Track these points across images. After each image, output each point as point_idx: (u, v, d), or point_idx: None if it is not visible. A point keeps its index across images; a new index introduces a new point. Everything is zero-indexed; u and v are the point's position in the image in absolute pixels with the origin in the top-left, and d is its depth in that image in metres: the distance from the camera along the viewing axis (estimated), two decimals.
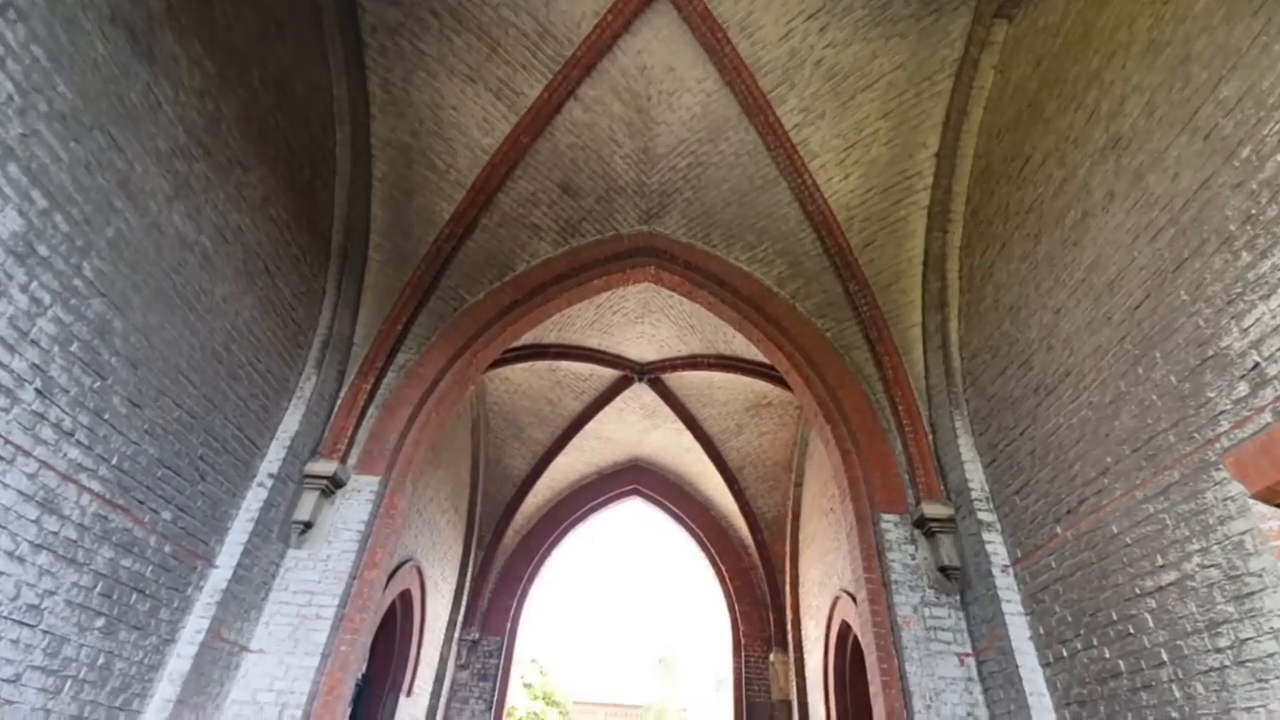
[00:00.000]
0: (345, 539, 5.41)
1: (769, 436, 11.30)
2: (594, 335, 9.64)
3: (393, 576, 7.88)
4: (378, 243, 6.41)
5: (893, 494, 5.80)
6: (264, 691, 4.70)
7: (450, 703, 10.29)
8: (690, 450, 12.04)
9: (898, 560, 5.40)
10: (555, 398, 11.14)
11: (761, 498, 11.70)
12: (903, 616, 5.12)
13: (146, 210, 4.04)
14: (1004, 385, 5.08)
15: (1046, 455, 4.50)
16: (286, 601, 5.09)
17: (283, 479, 5.26)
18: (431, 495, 9.20)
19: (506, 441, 11.54)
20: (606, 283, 7.61)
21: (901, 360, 6.29)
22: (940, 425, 5.81)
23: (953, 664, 4.91)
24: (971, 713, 4.71)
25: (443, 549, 9.93)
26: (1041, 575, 4.44)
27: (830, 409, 6.47)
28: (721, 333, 9.20)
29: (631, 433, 12.13)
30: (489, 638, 11.02)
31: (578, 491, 12.75)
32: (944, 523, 5.40)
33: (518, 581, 11.71)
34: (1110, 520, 3.83)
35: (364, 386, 6.06)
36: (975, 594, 5.01)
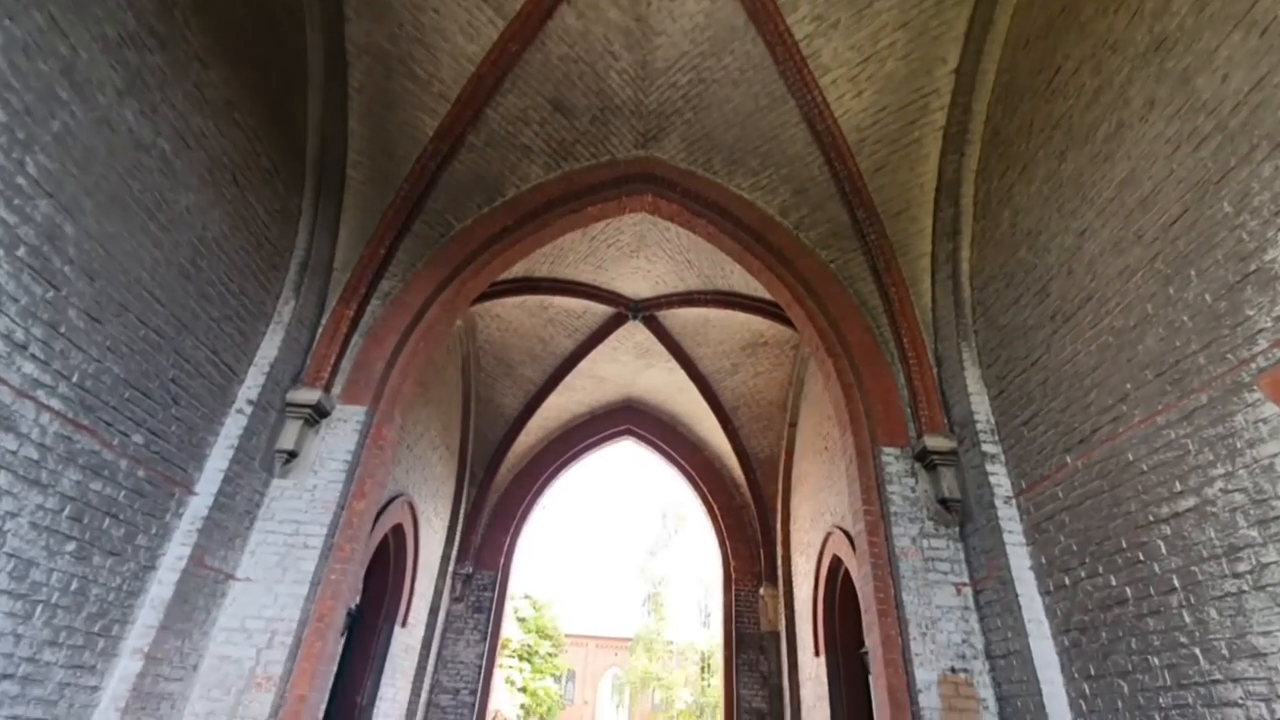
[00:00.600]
0: (332, 469, 5.24)
1: (764, 376, 11.16)
2: (587, 270, 9.32)
3: (384, 510, 7.80)
4: (356, 160, 5.99)
5: (894, 427, 5.67)
6: (253, 619, 4.61)
7: (445, 633, 10.46)
8: (684, 390, 11.91)
9: (897, 493, 5.32)
10: (547, 336, 10.88)
11: (755, 438, 11.67)
12: (901, 548, 5.06)
13: (95, 104, 3.64)
14: (1017, 314, 4.87)
15: (1059, 385, 4.34)
16: (273, 531, 4.95)
17: (263, 407, 5.03)
18: (422, 431, 9.04)
19: (498, 380, 11.34)
20: (602, 211, 7.25)
21: (908, 292, 6.06)
22: (946, 358, 5.63)
23: (949, 593, 4.89)
24: (967, 640, 4.71)
25: (435, 485, 9.86)
26: (1046, 506, 4.35)
27: (832, 342, 6.27)
28: (720, 267, 8.90)
29: (625, 372, 11.96)
30: (483, 572, 11.13)
31: (571, 431, 12.67)
32: (946, 455, 5.30)
33: (511, 518, 11.75)
34: (1126, 448, 3.70)
35: (346, 314, 5.77)
36: (975, 525, 4.95)
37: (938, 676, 4.56)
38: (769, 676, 10.33)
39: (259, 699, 4.35)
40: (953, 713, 4.44)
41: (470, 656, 10.37)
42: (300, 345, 5.50)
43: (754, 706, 10.10)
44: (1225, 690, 2.97)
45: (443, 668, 10.21)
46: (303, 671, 4.53)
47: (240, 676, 4.42)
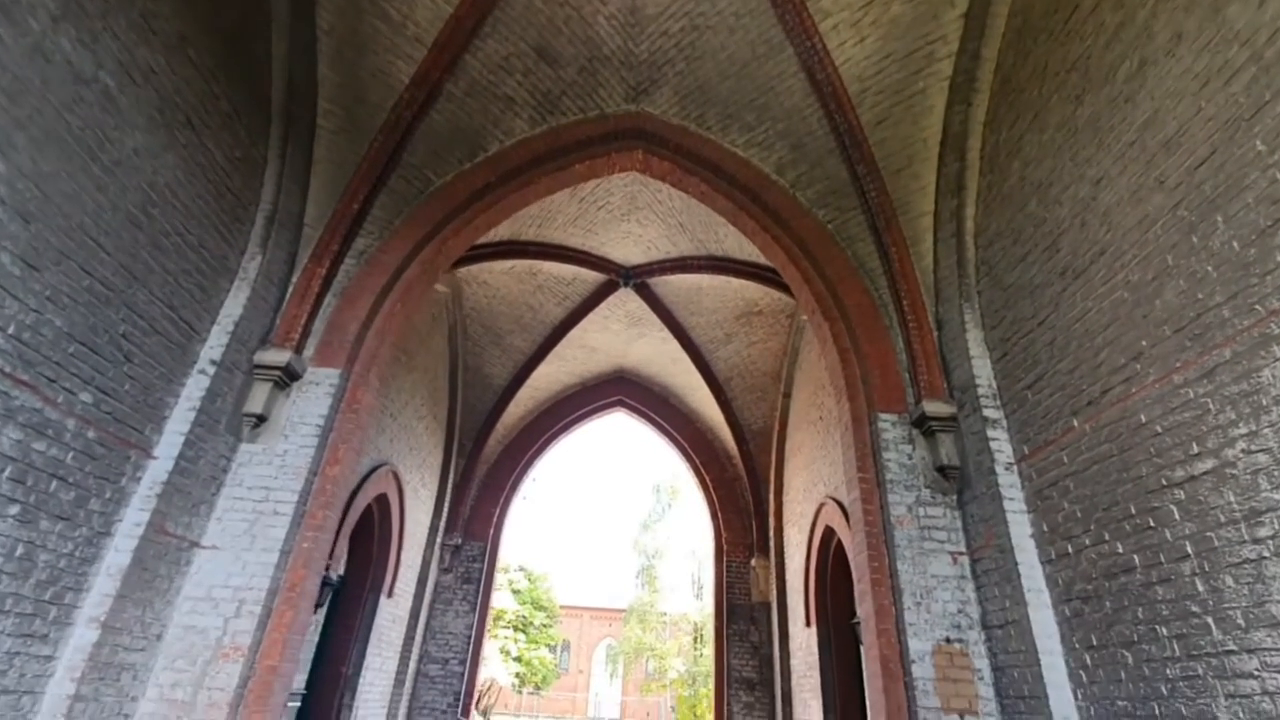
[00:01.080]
0: (303, 434, 5.00)
1: (758, 346, 10.93)
2: (577, 234, 8.99)
3: (367, 479, 7.60)
4: (327, 109, 5.63)
5: (892, 393, 5.45)
6: (220, 588, 4.41)
7: (434, 604, 10.36)
8: (677, 361, 11.68)
9: (894, 460, 5.12)
10: (536, 303, 10.59)
11: (748, 409, 11.48)
12: (896, 516, 4.88)
13: (26, 28, 3.30)
14: (1024, 272, 4.62)
15: (1068, 345, 4.11)
16: (241, 497, 4.72)
17: (228, 367, 4.76)
18: (406, 399, 8.80)
19: (486, 349, 11.07)
20: (590, 169, 6.91)
21: (909, 252, 5.79)
22: (947, 320, 5.39)
23: (945, 562, 4.73)
24: (963, 609, 4.56)
25: (421, 455, 9.65)
26: (1050, 471, 4.16)
27: (829, 305, 6.02)
28: (713, 231, 8.60)
29: (616, 342, 11.70)
30: (472, 543, 10.99)
31: (561, 402, 12.45)
32: (945, 421, 5.09)
33: (500, 490, 11.59)
34: (1139, 409, 3.48)
35: (318, 271, 5.47)
36: (974, 493, 4.77)
37: (932, 646, 4.42)
38: (760, 646, 10.30)
39: (226, 670, 4.17)
40: (947, 683, 4.30)
41: (459, 627, 10.28)
42: (268, 304, 5.21)
43: (744, 676, 10.09)
44: (1239, 661, 2.80)
45: (431, 638, 10.13)
46: (273, 642, 4.35)
47: (207, 647, 4.24)
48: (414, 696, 9.68)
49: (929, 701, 4.24)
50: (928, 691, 4.27)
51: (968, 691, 4.28)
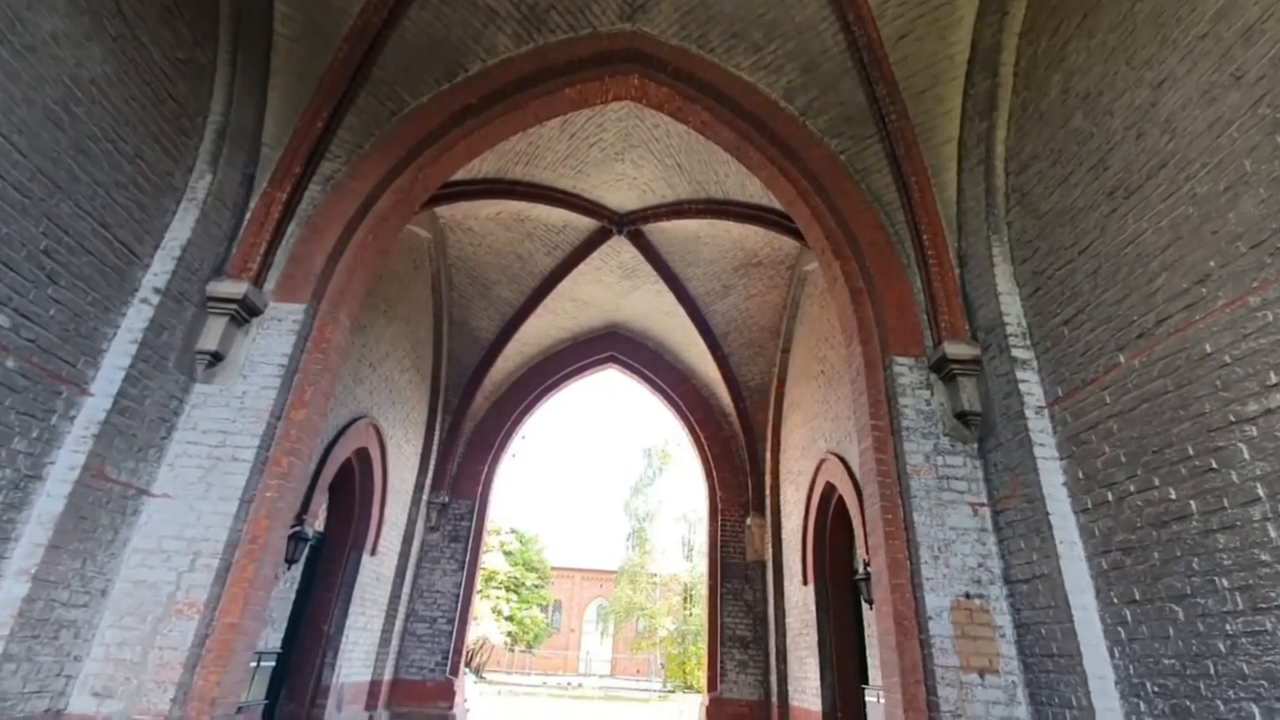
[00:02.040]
0: (265, 374, 4.53)
1: (757, 300, 10.47)
2: (567, 174, 8.41)
3: (345, 432, 7.17)
4: (285, 12, 4.99)
5: (908, 335, 5.04)
6: (172, 539, 4.00)
7: (421, 563, 10.07)
8: (672, 314, 11.22)
9: (910, 406, 4.74)
10: (525, 252, 10.04)
11: (745, 365, 11.09)
12: (913, 465, 4.52)
13: None
14: (1064, 196, 4.16)
15: (1116, 273, 3.68)
16: (195, 441, 4.28)
17: (175, 298, 4.25)
18: (387, 350, 8.32)
19: (472, 301, 10.55)
20: (581, 95, 6.31)
21: (930, 183, 5.30)
22: (972, 255, 4.95)
23: (965, 514, 4.38)
24: (983, 564, 4.23)
25: (404, 410, 9.22)
26: (1089, 414, 3.78)
27: (840, 243, 5.55)
28: (712, 171, 8.04)
29: (609, 295, 11.20)
30: (459, 501, 10.66)
31: (551, 358, 12.00)
32: (967, 364, 4.69)
33: (489, 448, 11.22)
34: (1203, 337, 3.08)
35: (278, 196, 4.92)
36: (999, 440, 4.40)
37: (950, 602, 4.10)
38: (754, 605, 10.13)
39: (180, 627, 3.79)
40: (966, 640, 3.99)
41: (447, 586, 10.02)
42: (222, 230, 4.68)
43: (738, 634, 9.93)
44: None
45: (419, 597, 9.87)
46: (233, 598, 3.96)
47: (158, 603, 3.84)
48: (401, 655, 9.45)
49: (947, 660, 3.94)
50: (946, 649, 3.96)
51: (989, 649, 3.99)
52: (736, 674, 9.66)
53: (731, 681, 9.61)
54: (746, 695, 9.51)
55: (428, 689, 9.30)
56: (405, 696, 9.21)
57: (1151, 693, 3.17)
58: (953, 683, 3.88)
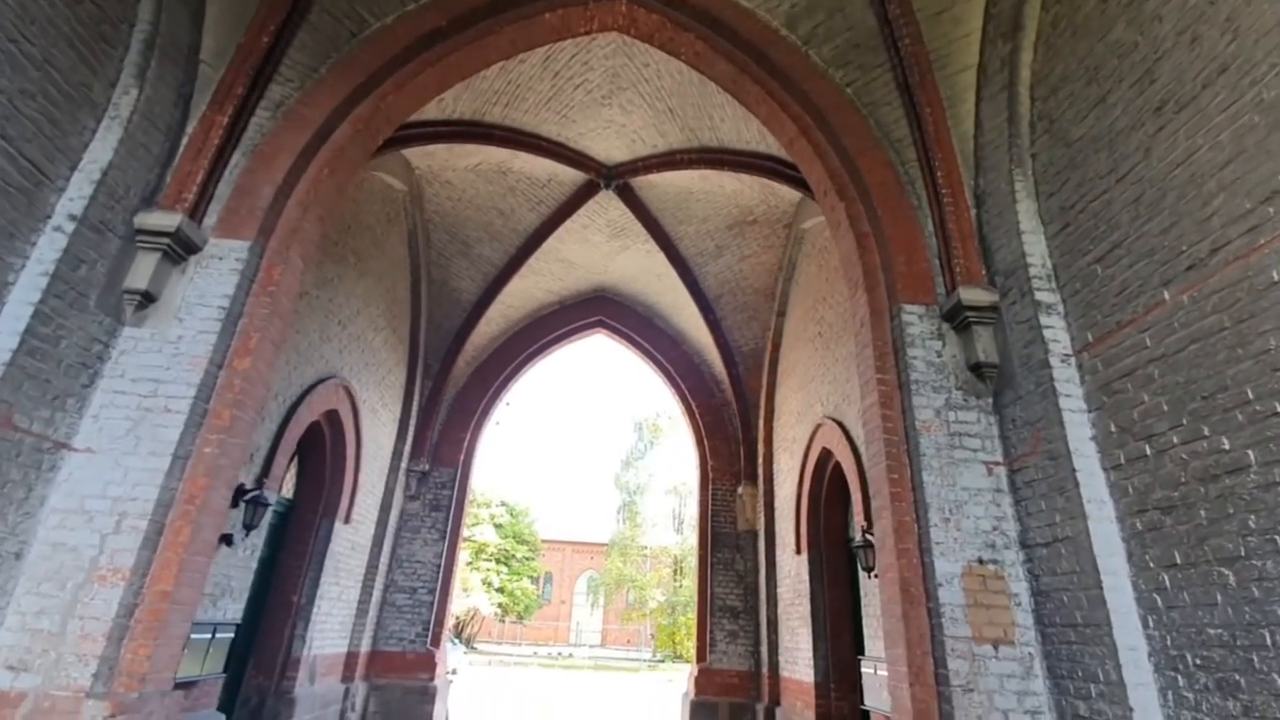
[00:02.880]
0: (203, 317, 4.04)
1: (751, 260, 10.00)
2: (551, 120, 7.84)
3: (312, 391, 6.70)
4: None
5: (918, 282, 4.61)
6: (96, 499, 3.56)
7: (400, 532, 9.70)
8: (663, 277, 10.73)
9: (920, 358, 4.33)
10: (507, 208, 9.49)
11: (739, 329, 10.66)
12: (922, 421, 4.13)
13: None
14: (1100, 119, 3.71)
15: (1161, 199, 3.25)
16: (123, 391, 3.81)
17: (95, 228, 3.75)
18: (358, 307, 7.81)
19: (452, 259, 10.01)
20: (563, 21, 5.75)
21: (945, 114, 4.83)
22: (991, 193, 4.50)
23: (979, 474, 4.01)
24: (998, 526, 3.87)
25: (380, 373, 8.74)
26: (1124, 359, 3.38)
27: (845, 183, 5.08)
28: (706, 116, 7.50)
29: (597, 255, 10.69)
30: (441, 469, 10.26)
31: (537, 322, 11.52)
32: (983, 311, 4.28)
33: (471, 414, 10.78)
34: (1269, 264, 2.67)
35: (219, 120, 4.38)
36: (1018, 393, 4.00)
37: (962, 568, 3.74)
38: (745, 575, 9.86)
39: (103, 595, 3.37)
40: (979, 609, 3.65)
41: (428, 556, 9.67)
42: (152, 155, 4.14)
43: (729, 604, 9.67)
44: None
45: (398, 567, 9.52)
46: (166, 564, 3.54)
47: (79, 569, 3.42)
48: (380, 626, 9.13)
49: (958, 630, 3.59)
50: (957, 619, 3.62)
51: (1003, 619, 3.64)
52: (726, 644, 9.43)
53: (721, 652, 9.38)
54: (736, 665, 9.29)
55: (408, 660, 9.01)
56: (384, 668, 8.91)
57: (1193, 666, 2.82)
58: (964, 654, 3.54)
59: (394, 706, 8.69)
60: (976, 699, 3.45)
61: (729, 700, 9.07)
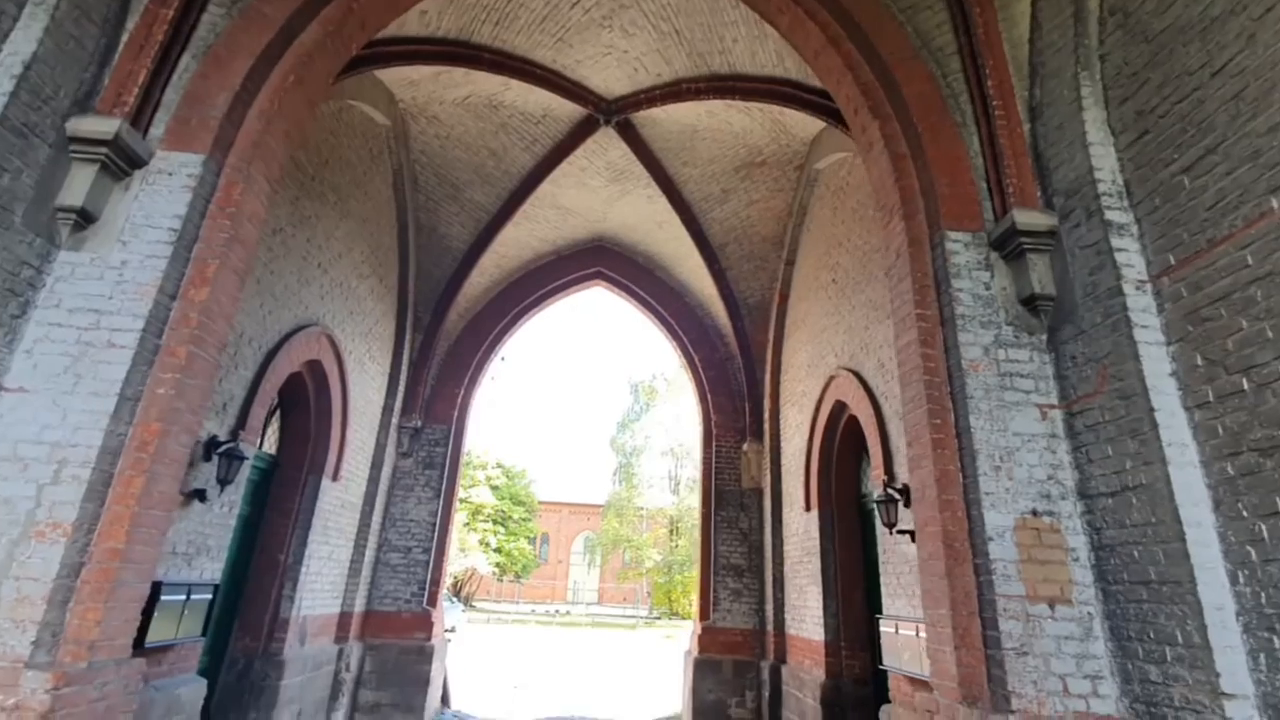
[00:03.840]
0: (151, 240, 3.52)
1: (759, 206, 9.43)
2: (545, 43, 7.15)
3: (291, 338, 6.21)
4: None
5: (963, 207, 4.11)
6: (30, 444, 3.10)
7: (393, 490, 9.34)
8: (665, 225, 10.16)
9: (966, 290, 3.87)
10: (499, 147, 8.84)
11: (745, 280, 10.15)
12: (969, 360, 3.69)
13: None
14: (1191, 6, 3.16)
15: (1270, 91, 2.74)
16: (59, 323, 3.31)
17: (19, 131, 3.19)
18: (340, 250, 7.25)
19: (441, 204, 9.39)
20: None
21: (996, 16, 4.26)
22: (1050, 103, 3.97)
23: (1032, 418, 3.59)
24: (1053, 476, 3.48)
25: (366, 323, 8.23)
26: (1217, 281, 2.92)
27: (879, 99, 4.52)
28: (716, 37, 6.84)
29: (595, 201, 10.08)
30: (434, 426, 9.85)
31: (532, 273, 10.96)
32: (1040, 237, 3.80)
33: (465, 369, 10.31)
34: None
35: (163, 14, 3.77)
36: (1079, 326, 3.56)
37: (1014, 521, 3.36)
38: (749, 533, 9.59)
39: (42, 552, 2.94)
40: (1033, 565, 3.27)
41: (422, 515, 9.33)
42: (86, 51, 3.55)
43: (732, 563, 9.43)
44: None
45: (391, 526, 9.18)
46: (116, 518, 3.10)
47: (13, 523, 2.98)
48: (374, 586, 8.85)
49: (1010, 588, 3.22)
50: (1009, 576, 3.24)
51: (1060, 576, 3.27)
52: (730, 603, 9.21)
53: (725, 610, 9.17)
54: (740, 624, 9.09)
55: (404, 620, 8.75)
56: (380, 629, 8.66)
57: None
58: (1017, 614, 3.18)
59: (390, 666, 8.46)
60: (1031, 663, 3.10)
61: (733, 658, 8.90)
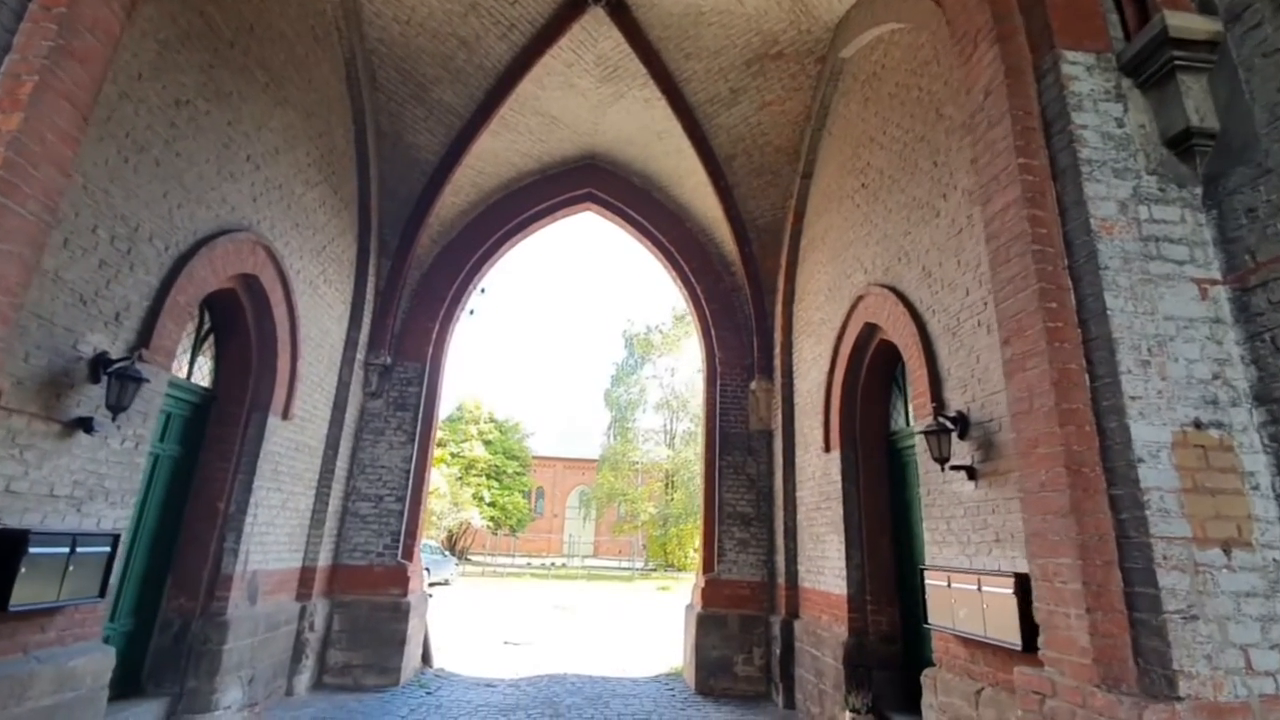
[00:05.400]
0: None
1: (773, 109, 8.21)
2: None
3: (211, 244, 5.10)
4: None
5: (1082, 20, 3.00)
6: None
7: (361, 434, 8.37)
8: (664, 135, 8.94)
9: (1092, 128, 2.80)
10: (470, 35, 7.54)
11: (754, 198, 8.99)
12: (1100, 220, 2.66)
13: None
14: None
15: None
16: None
17: None
18: (277, 145, 6.06)
19: (405, 106, 8.12)
20: None
21: None
22: None
23: (1188, 296, 2.59)
24: (1220, 374, 2.50)
25: (318, 238, 7.09)
26: None
27: None
28: None
29: (585, 107, 8.81)
30: (405, 364, 8.81)
31: (515, 194, 9.74)
32: (1196, 50, 2.72)
33: (439, 302, 9.21)
34: None
35: None
36: (1262, 165, 2.51)
37: (1170, 436, 2.39)
38: (757, 479, 8.72)
39: None
40: (1199, 496, 2.32)
41: (395, 460, 8.39)
42: None
43: (739, 511, 8.59)
44: None
45: (360, 473, 8.25)
46: None
47: None
48: (342, 538, 7.97)
49: (1169, 527, 2.28)
50: (1167, 511, 2.29)
51: (1235, 509, 2.33)
52: (737, 554, 8.41)
53: (731, 562, 8.37)
54: (748, 576, 8.31)
55: (376, 575, 7.91)
56: (350, 584, 7.82)
57: None
58: (1181, 564, 2.24)
59: (362, 625, 7.65)
60: (1203, 631, 2.18)
61: (739, 613, 8.15)
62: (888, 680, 5.90)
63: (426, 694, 7.43)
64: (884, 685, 5.88)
